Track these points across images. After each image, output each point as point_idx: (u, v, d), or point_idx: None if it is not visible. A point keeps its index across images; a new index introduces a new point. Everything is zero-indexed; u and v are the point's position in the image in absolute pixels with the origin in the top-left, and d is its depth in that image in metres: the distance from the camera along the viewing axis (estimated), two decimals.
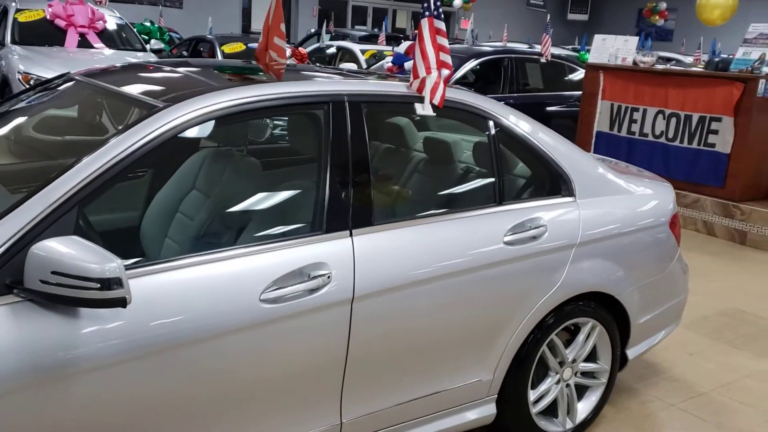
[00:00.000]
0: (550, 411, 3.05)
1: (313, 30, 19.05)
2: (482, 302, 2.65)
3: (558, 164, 2.97)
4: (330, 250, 2.31)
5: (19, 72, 7.90)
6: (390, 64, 8.20)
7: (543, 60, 8.58)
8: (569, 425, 3.08)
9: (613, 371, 3.20)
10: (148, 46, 9.86)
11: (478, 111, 2.83)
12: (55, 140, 2.80)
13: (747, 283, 5.48)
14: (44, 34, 9.04)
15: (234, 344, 2.11)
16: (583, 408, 3.14)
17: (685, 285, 3.54)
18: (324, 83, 2.57)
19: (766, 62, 6.50)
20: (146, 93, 2.37)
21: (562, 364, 3.01)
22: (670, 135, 7.07)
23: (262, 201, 2.53)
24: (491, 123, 2.85)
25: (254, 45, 11.22)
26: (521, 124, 2.93)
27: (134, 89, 2.47)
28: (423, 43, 2.65)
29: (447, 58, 2.69)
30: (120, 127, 2.13)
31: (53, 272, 1.74)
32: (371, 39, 15.74)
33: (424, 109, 2.66)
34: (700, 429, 3.30)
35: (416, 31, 2.82)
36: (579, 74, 9.16)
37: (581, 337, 3.04)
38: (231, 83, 2.38)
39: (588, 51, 14.80)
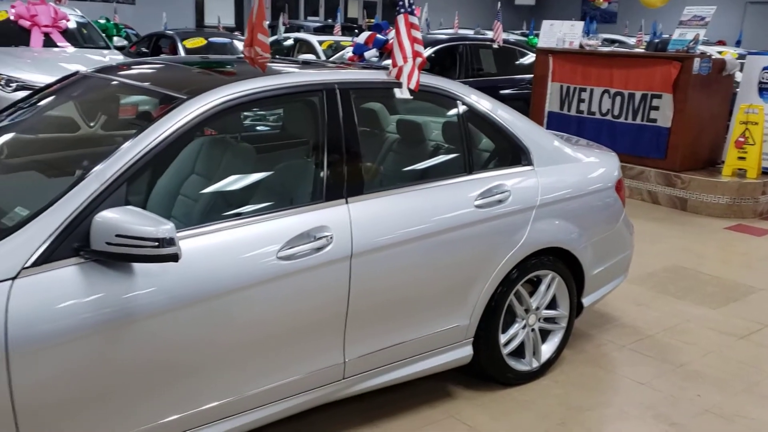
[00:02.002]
0: (518, 353, 3.51)
1: (267, 23, 19.30)
2: (459, 257, 3.09)
3: (518, 138, 3.43)
4: (330, 216, 2.73)
5: None
6: (351, 54, 8.60)
7: (495, 46, 9.07)
8: (535, 364, 3.55)
9: (571, 317, 3.68)
10: (111, 44, 10.04)
11: (447, 93, 3.27)
12: (83, 133, 3.14)
13: (688, 244, 6.05)
14: (9, 34, 9.17)
15: (258, 295, 2.51)
16: (547, 349, 3.61)
17: (630, 242, 4.04)
18: (317, 74, 2.97)
19: (699, 42, 7.08)
20: (168, 87, 2.74)
21: (527, 311, 3.47)
22: (616, 112, 7.62)
23: (273, 176, 2.92)
24: (459, 103, 3.29)
25: (215, 39, 11.52)
26: (484, 103, 3.38)
27: (155, 84, 2.84)
28: (399, 36, 3.07)
29: (420, 49, 3.11)
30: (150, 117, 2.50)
31: (117, 235, 2.12)
32: (326, 30, 16.06)
33: (402, 93, 3.09)
34: (649, 364, 3.81)
35: (370, 21, 3.24)
36: (529, 58, 9.68)
37: (543, 287, 3.51)
38: (240, 76, 2.76)
39: (536, 35, 15.40)
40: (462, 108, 3.30)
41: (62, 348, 2.14)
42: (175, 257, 2.16)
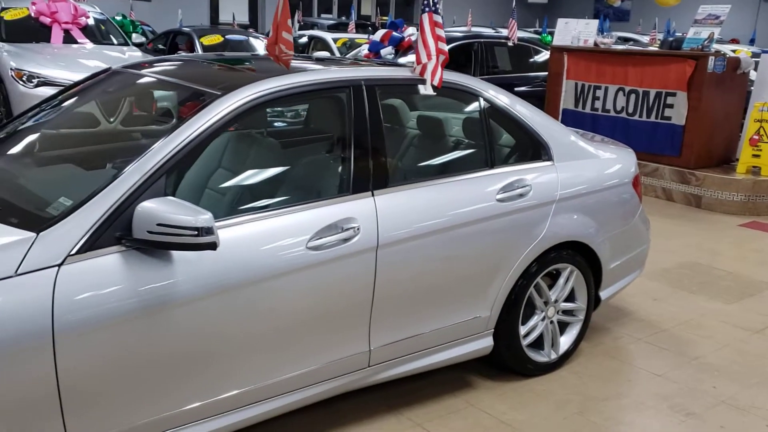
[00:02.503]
0: (537, 344, 3.59)
1: (290, 21, 19.38)
2: (480, 250, 3.17)
3: (538, 133, 3.50)
4: (357, 208, 2.81)
5: (11, 69, 8.19)
6: (367, 52, 8.69)
7: (510, 44, 9.13)
8: (554, 356, 3.63)
9: (589, 310, 3.75)
10: (130, 41, 10.18)
11: (469, 89, 3.36)
12: (115, 127, 3.24)
13: (702, 240, 6.11)
14: (30, 31, 9.32)
15: (288, 284, 2.60)
16: (565, 341, 3.69)
17: (647, 236, 4.11)
18: (344, 71, 3.05)
19: (714, 41, 7.11)
20: (201, 83, 2.83)
21: (546, 303, 3.55)
22: (630, 110, 7.67)
23: (302, 169, 3.02)
24: (481, 99, 3.37)
25: (231, 37, 11.63)
26: (505, 99, 3.45)
27: (189, 80, 2.94)
28: (424, 34, 3.15)
29: (444, 46, 3.19)
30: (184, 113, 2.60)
31: (158, 224, 2.21)
32: (340, 27, 16.17)
33: (426, 90, 3.17)
34: (665, 357, 3.87)
35: (383, 19, 3.31)
36: (543, 56, 9.75)
37: (561, 280, 3.58)
38: (271, 73, 2.85)
39: (549, 33, 15.44)
40: (483, 104, 3.37)
41: (104, 332, 2.23)
42: (213, 246, 2.26)
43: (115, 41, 9.97)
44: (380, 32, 8.66)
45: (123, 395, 2.33)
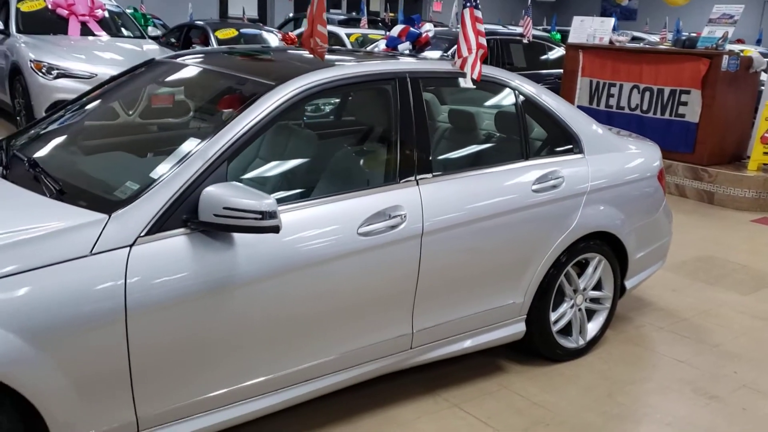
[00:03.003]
0: (565, 331, 3.71)
1: (291, 14, 19.48)
2: (517, 238, 3.30)
3: (570, 127, 3.62)
4: (403, 196, 2.93)
5: (30, 60, 8.30)
6: (384, 47, 8.79)
7: (525, 41, 9.24)
8: (581, 342, 3.75)
9: (615, 298, 3.87)
10: (146, 34, 10.28)
11: (506, 83, 3.47)
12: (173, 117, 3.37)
13: (716, 235, 6.23)
14: (47, 22, 9.42)
15: (340, 268, 2.72)
16: (592, 328, 3.81)
17: (669, 229, 4.23)
18: (389, 63, 3.17)
19: (728, 40, 7.23)
20: (254, 74, 2.95)
21: (575, 291, 3.67)
22: (645, 107, 7.78)
23: (351, 158, 3.14)
24: (517, 93, 3.49)
25: (245, 31, 11.73)
26: (539, 94, 3.57)
27: (240, 71, 3.06)
28: (465, 29, 3.26)
29: (483, 41, 3.31)
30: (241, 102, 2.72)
31: (225, 208, 2.33)
32: (351, 23, 16.26)
33: (466, 83, 3.29)
34: (686, 344, 4.00)
35: (391, 15, 3.43)
36: (555, 53, 9.88)
37: (590, 269, 3.70)
38: (320, 64, 2.97)
39: (558, 31, 15.52)
40: (519, 97, 3.49)
41: (171, 311, 2.35)
42: (276, 229, 2.37)
43: (131, 34, 10.07)
44: (398, 28, 8.77)
45: (187, 370, 2.45)
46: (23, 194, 2.51)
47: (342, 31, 12.86)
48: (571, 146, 3.63)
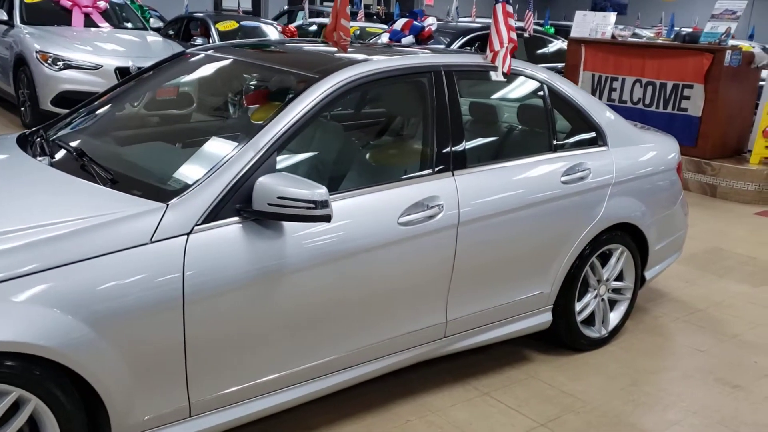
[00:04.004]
0: (588, 321, 3.78)
1: (285, 7, 19.43)
2: (546, 229, 3.36)
3: (595, 120, 3.69)
4: (440, 187, 2.99)
5: (36, 51, 8.27)
6: (388, 40, 8.82)
7: (526, 35, 9.30)
8: (604, 332, 3.83)
9: (636, 288, 3.95)
10: (148, 25, 10.26)
11: (534, 77, 3.53)
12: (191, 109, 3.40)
13: (721, 227, 6.33)
14: (50, 14, 9.39)
15: (382, 257, 2.77)
16: (614, 318, 3.88)
17: (686, 221, 4.31)
18: (425, 57, 3.22)
19: (731, 35, 7.32)
20: (296, 67, 2.99)
21: (599, 281, 3.74)
22: (647, 101, 7.87)
23: (389, 150, 3.19)
24: (545, 86, 3.55)
25: (246, 23, 11.71)
26: (566, 87, 3.63)
27: (282, 64, 3.10)
28: (497, 23, 3.32)
29: (514, 36, 3.37)
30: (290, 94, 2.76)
31: (279, 197, 2.37)
32: None
33: (497, 76, 3.34)
34: (704, 334, 4.08)
35: (382, 9, 3.45)
36: (554, 46, 9.95)
37: (613, 260, 3.77)
38: (360, 58, 3.01)
39: (552, 25, 15.60)
40: (547, 91, 3.55)
41: (226, 298, 2.39)
42: (328, 218, 2.42)
43: (133, 26, 10.05)
44: (401, 21, 8.80)
45: (238, 357, 2.49)
46: (76, 182, 2.54)
47: None
48: (596, 138, 3.69)
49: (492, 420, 3.11)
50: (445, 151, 3.06)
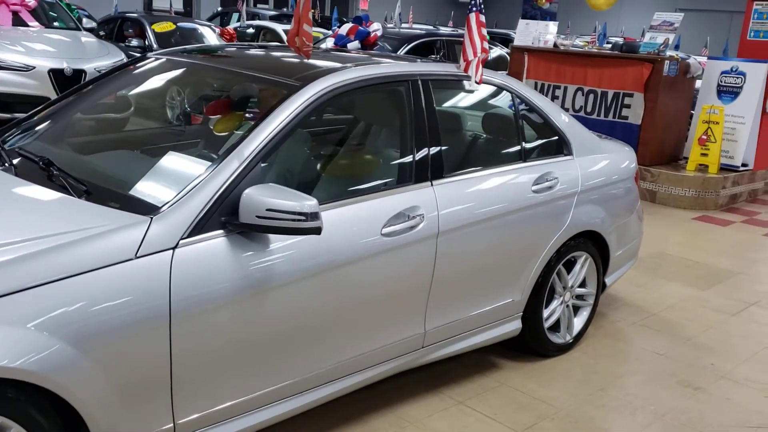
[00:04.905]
0: (553, 327, 3.83)
1: (219, 8, 19.10)
2: (520, 237, 3.39)
3: (561, 130, 3.74)
4: (420, 196, 2.97)
5: None
6: (334, 45, 8.77)
7: None
8: (568, 337, 3.88)
9: (598, 294, 4.03)
10: (81, 26, 9.90)
11: (505, 87, 3.56)
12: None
13: (664, 232, 6.54)
14: None
15: (366, 268, 2.74)
16: (578, 323, 3.95)
17: (641, 228, 4.43)
18: (401, 65, 3.20)
19: (669, 46, 7.59)
20: (275, 74, 2.92)
21: (564, 288, 3.80)
22: (589, 109, 8.07)
23: (370, 160, 3.15)
24: (515, 96, 3.58)
25: (183, 25, 11.43)
26: (535, 98, 3.68)
27: (257, 71, 3.02)
28: (471, 33, 3.32)
29: (486, 45, 3.38)
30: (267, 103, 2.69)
31: (268, 209, 2.31)
32: (282, 18, 16.08)
33: (470, 86, 3.35)
34: (661, 338, 4.20)
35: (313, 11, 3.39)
36: (494, 53, 10.10)
37: (577, 267, 3.84)
38: (339, 66, 2.96)
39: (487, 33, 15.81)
40: (517, 101, 3.58)
41: (213, 313, 2.31)
42: (318, 230, 2.37)
43: (64, 25, 9.67)
44: (346, 26, 8.76)
45: (223, 374, 2.41)
46: (48, 194, 2.40)
47: (279, 27, 12.74)
48: (562, 148, 3.75)
49: (470, 429, 3.11)
50: (423, 160, 3.04)
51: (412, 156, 3.02)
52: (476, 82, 3.36)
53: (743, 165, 7.86)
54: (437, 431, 3.06)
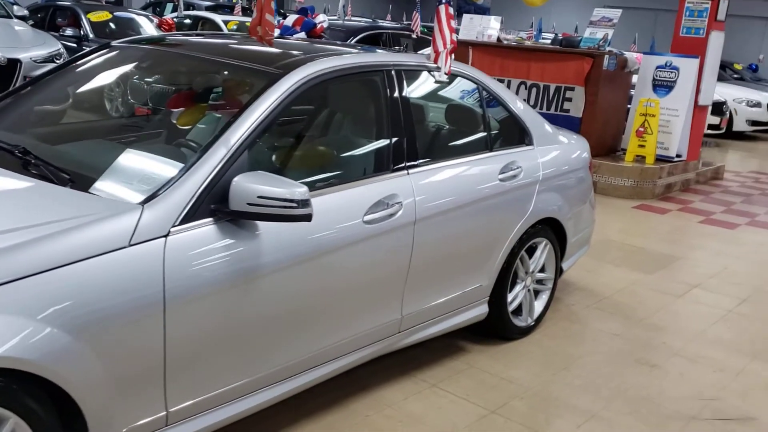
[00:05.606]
0: (516, 312, 3.96)
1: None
2: (488, 224, 3.50)
3: (522, 120, 3.87)
4: (398, 184, 3.04)
5: None
6: (280, 35, 8.72)
7: (414, 36, 9.51)
8: (530, 320, 4.02)
9: (556, 278, 4.18)
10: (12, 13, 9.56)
11: (471, 78, 3.65)
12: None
13: (607, 220, 6.79)
14: None
15: (350, 255, 2.79)
16: (538, 307, 4.09)
17: (594, 216, 4.61)
18: (376, 56, 3.25)
19: (609, 41, 7.86)
20: (254, 62, 2.93)
21: (526, 273, 3.93)
22: (532, 103, 8.28)
23: (351, 149, 3.19)
24: (481, 87, 3.68)
25: (120, 14, 11.17)
26: (499, 89, 3.79)
27: (235, 59, 3.02)
28: (441, 25, 3.40)
29: (455, 37, 3.47)
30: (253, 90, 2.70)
31: (259, 197, 2.33)
32: (218, 9, 15.85)
33: (440, 76, 3.43)
34: (615, 320, 4.39)
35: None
36: None
37: (538, 252, 3.98)
38: (320, 54, 2.99)
39: (423, 26, 15.99)
40: (483, 92, 3.69)
41: (205, 300, 2.32)
42: (309, 217, 2.40)
43: None
44: (292, 17, 8.71)
45: (215, 361, 2.43)
46: (30, 183, 2.37)
47: (218, 18, 12.57)
48: (523, 138, 3.88)
49: (445, 410, 3.20)
50: (399, 148, 3.11)
51: (389, 144, 3.08)
52: (445, 74, 3.44)
53: (677, 156, 8.21)
54: (414, 413, 3.14)
